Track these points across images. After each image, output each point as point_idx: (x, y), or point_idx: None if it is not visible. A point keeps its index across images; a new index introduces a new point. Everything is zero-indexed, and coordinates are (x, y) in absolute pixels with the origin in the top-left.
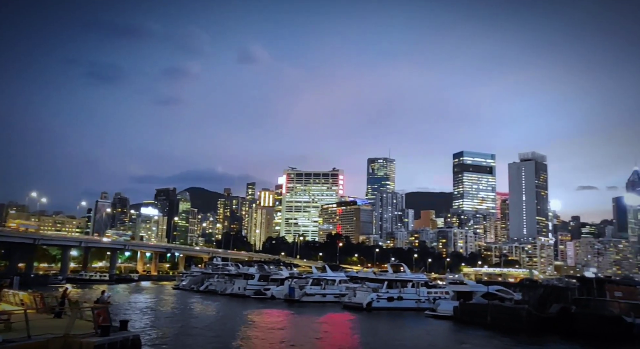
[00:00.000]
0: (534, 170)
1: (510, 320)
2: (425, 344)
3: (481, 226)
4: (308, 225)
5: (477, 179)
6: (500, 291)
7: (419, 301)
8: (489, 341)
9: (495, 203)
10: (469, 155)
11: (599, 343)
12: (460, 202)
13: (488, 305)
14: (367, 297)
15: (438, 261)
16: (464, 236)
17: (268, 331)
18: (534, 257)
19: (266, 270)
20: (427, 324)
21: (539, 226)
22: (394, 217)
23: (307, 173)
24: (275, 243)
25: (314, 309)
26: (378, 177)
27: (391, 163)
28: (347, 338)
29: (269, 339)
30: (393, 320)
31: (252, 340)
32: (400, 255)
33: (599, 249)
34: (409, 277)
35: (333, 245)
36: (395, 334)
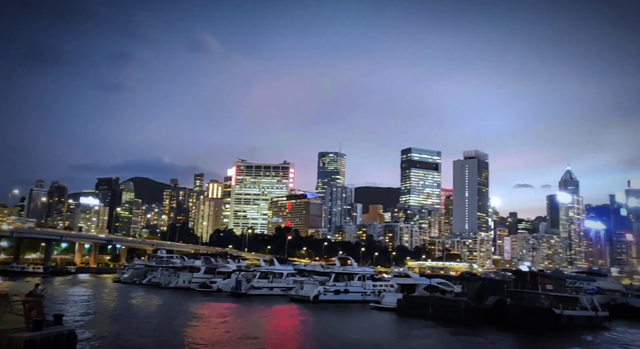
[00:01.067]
0: (477, 167)
1: (450, 312)
2: (368, 335)
3: (426, 221)
4: (257, 217)
5: (423, 175)
6: (442, 284)
7: (364, 294)
8: (429, 332)
9: (440, 199)
10: (416, 151)
11: (530, 333)
12: (407, 197)
13: (430, 297)
14: (314, 290)
15: (384, 254)
16: (409, 231)
17: (212, 324)
18: (474, 251)
19: (213, 263)
20: (372, 316)
21: (480, 221)
22: (343, 211)
23: (258, 166)
24: (223, 235)
25: (261, 302)
26: (328, 171)
27: (342, 158)
28: (293, 331)
29: (213, 332)
30: (339, 313)
31: (196, 333)
32: (348, 248)
33: (533, 244)
34: (355, 270)
35: (282, 238)
36: (340, 327)
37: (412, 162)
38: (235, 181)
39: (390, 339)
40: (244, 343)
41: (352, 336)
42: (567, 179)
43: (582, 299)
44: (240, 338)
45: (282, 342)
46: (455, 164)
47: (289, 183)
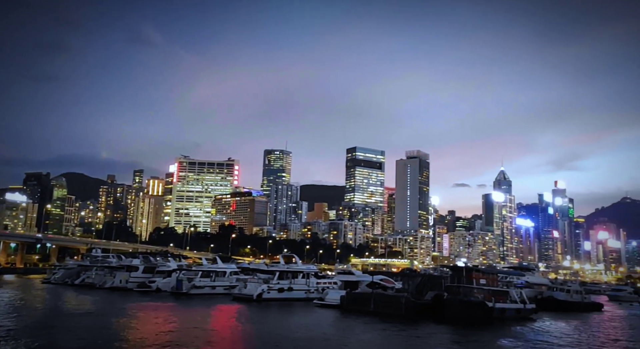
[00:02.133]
0: (418, 167)
1: (391, 307)
2: (311, 332)
3: (370, 219)
4: (200, 215)
5: (367, 174)
6: (384, 281)
7: (308, 292)
8: (370, 328)
9: (383, 197)
10: (361, 150)
11: (464, 326)
12: (351, 195)
13: (372, 294)
14: (257, 288)
15: (329, 252)
16: (353, 228)
17: (151, 324)
18: (415, 248)
19: (152, 262)
20: (315, 313)
21: (421, 219)
22: (288, 209)
23: (201, 162)
24: (164, 233)
25: (203, 301)
26: (274, 169)
27: (287, 156)
28: (235, 330)
29: (150, 333)
30: (282, 311)
31: (132, 335)
32: (293, 246)
33: (470, 241)
34: (299, 268)
35: (226, 237)
36: (283, 324)
37: (357, 160)
38: (177, 178)
39: (333, 335)
40: (183, 343)
41: (295, 333)
42: (501, 179)
43: (512, 293)
44: (180, 338)
45: (223, 341)
46: (398, 163)
47: (234, 180)
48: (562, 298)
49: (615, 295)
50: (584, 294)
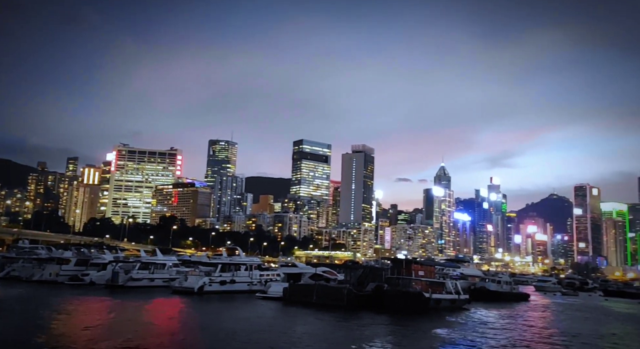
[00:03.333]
0: (364, 161)
1: (333, 299)
2: (252, 324)
3: (315, 212)
4: (139, 206)
5: (314, 167)
6: (326, 273)
7: (251, 284)
8: (312, 319)
9: (329, 190)
10: (308, 143)
11: (402, 316)
12: (297, 188)
13: (314, 285)
14: (198, 281)
15: (273, 244)
16: (298, 221)
17: (81, 319)
18: (358, 241)
19: (86, 254)
20: (258, 305)
21: (364, 212)
22: (233, 201)
23: (142, 151)
24: (100, 224)
25: (140, 294)
26: (219, 160)
27: (233, 146)
28: (173, 323)
29: (76, 328)
30: (224, 303)
31: (55, 329)
32: (237, 238)
33: (410, 234)
34: (242, 260)
35: (167, 228)
36: (224, 317)
37: (303, 153)
38: (116, 167)
39: (274, 327)
40: (116, 338)
41: (236, 325)
42: (441, 174)
43: (448, 284)
44: (113, 332)
45: (159, 335)
46: (344, 157)
47: (176, 170)
48: (493, 288)
49: (540, 286)
50: (513, 285)
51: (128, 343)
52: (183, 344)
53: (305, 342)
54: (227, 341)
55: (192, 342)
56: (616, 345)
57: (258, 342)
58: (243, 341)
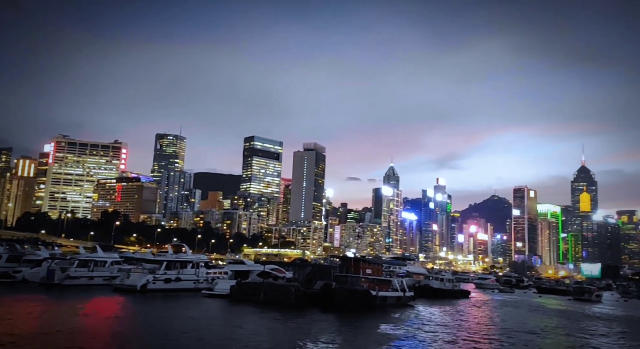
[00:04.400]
0: (315, 159)
1: (281, 296)
2: (197, 323)
3: (265, 209)
4: (80, 200)
5: (265, 164)
6: (275, 270)
7: (197, 282)
8: (258, 317)
9: (280, 188)
10: (259, 140)
11: (349, 313)
12: (247, 185)
13: (262, 283)
14: (142, 279)
15: (222, 242)
16: (248, 218)
17: (9, 319)
18: (308, 239)
19: (18, 250)
20: (204, 304)
21: (315, 211)
22: (180, 197)
23: (83, 143)
24: (35, 219)
25: (79, 293)
26: (166, 154)
27: (182, 141)
28: (113, 323)
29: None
30: (168, 302)
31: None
32: (184, 235)
33: (359, 232)
34: (189, 258)
35: (108, 224)
36: (168, 316)
37: (254, 150)
38: (54, 159)
39: (220, 325)
40: (49, 339)
41: (180, 324)
42: (390, 174)
43: (394, 281)
44: (46, 333)
45: (96, 336)
46: (296, 155)
47: (120, 164)
48: (436, 286)
49: (480, 283)
50: (455, 282)
51: (61, 347)
52: (123, 346)
53: (251, 340)
54: (171, 341)
55: (132, 343)
56: (543, 339)
57: (203, 341)
58: (188, 340)
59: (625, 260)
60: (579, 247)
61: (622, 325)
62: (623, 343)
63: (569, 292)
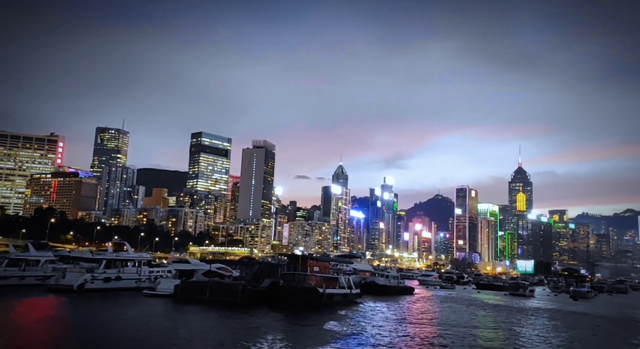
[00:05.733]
0: (264, 157)
1: (228, 295)
2: (137, 324)
3: (212, 207)
4: (10, 196)
5: (212, 161)
6: (221, 269)
7: (139, 281)
8: (204, 316)
9: (228, 185)
10: (207, 136)
11: (296, 311)
12: (194, 182)
13: (208, 282)
14: (79, 278)
15: (166, 240)
16: (194, 216)
17: None
18: (256, 237)
19: None
20: (146, 303)
21: (263, 209)
22: (122, 193)
23: (15, 136)
24: None
25: (8, 294)
26: (108, 149)
27: (124, 135)
28: (45, 325)
29: None
30: (108, 302)
31: None
32: (126, 233)
33: (308, 230)
34: (130, 256)
35: (43, 221)
36: (107, 316)
37: (202, 146)
38: None
39: (162, 325)
40: None
41: (119, 325)
42: (339, 173)
43: (341, 279)
44: None
45: (26, 338)
46: (245, 152)
47: (57, 158)
48: (381, 282)
49: (423, 280)
50: (399, 279)
51: None
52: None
53: (196, 339)
54: (109, 343)
55: (66, 346)
56: (480, 331)
57: (145, 341)
58: (128, 341)
59: (556, 257)
60: (515, 245)
61: (550, 318)
62: (551, 334)
63: (505, 287)
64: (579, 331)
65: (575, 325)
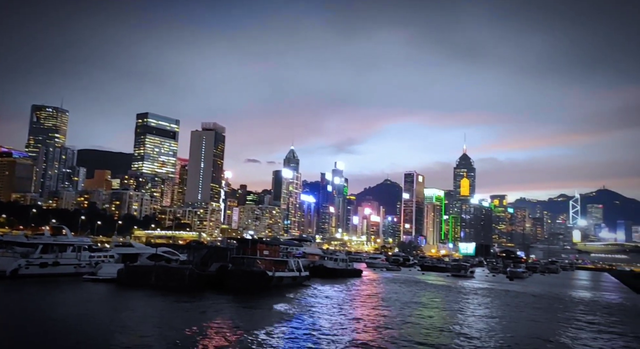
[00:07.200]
0: (214, 139)
1: (174, 280)
2: (77, 310)
3: (159, 190)
4: None
5: (159, 142)
6: (167, 253)
7: (79, 266)
8: (148, 301)
9: (175, 168)
10: (153, 117)
11: (245, 294)
12: (140, 164)
13: (153, 266)
14: (12, 263)
15: (109, 224)
16: (140, 199)
17: None
18: (205, 221)
19: None
20: (86, 289)
21: (213, 192)
22: (61, 175)
23: None
24: None
25: None
26: (45, 128)
27: (63, 114)
28: None
29: None
30: (45, 288)
31: None
32: (65, 216)
33: (258, 214)
34: (69, 241)
35: None
36: (43, 303)
37: (148, 127)
38: None
39: (104, 312)
40: None
41: (57, 312)
42: (291, 157)
43: (290, 262)
44: None
45: None
46: (193, 134)
47: None
48: (330, 266)
49: (371, 262)
50: (348, 262)
51: None
52: None
53: (140, 324)
54: (47, 329)
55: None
56: (422, 309)
57: (86, 327)
58: (68, 328)
59: (496, 240)
60: (458, 228)
61: (487, 297)
62: (486, 312)
63: (447, 269)
64: (511, 308)
65: (509, 303)
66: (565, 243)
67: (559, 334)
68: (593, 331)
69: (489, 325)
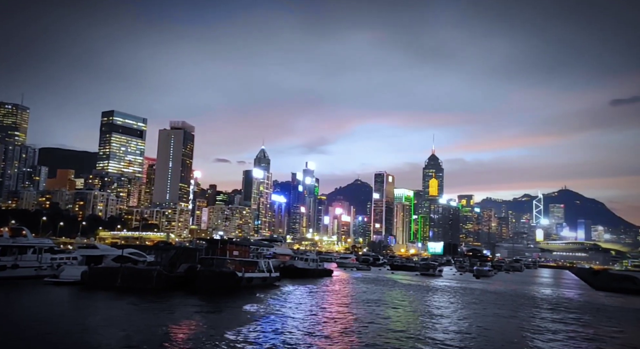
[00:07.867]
0: (183, 139)
1: (141, 281)
2: (38, 313)
3: (125, 190)
4: None
5: (126, 141)
6: (134, 254)
7: (39, 269)
8: (114, 303)
9: (143, 167)
10: (119, 115)
11: (214, 295)
12: (105, 163)
13: (119, 268)
14: None
15: (73, 225)
16: (105, 199)
17: None
18: (173, 221)
19: None
20: (48, 292)
21: (181, 192)
22: (20, 174)
23: None
24: None
25: None
26: (4, 126)
27: (24, 111)
28: None
29: None
30: (2, 292)
31: None
32: (25, 217)
33: (228, 215)
34: (29, 242)
35: None
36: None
37: (114, 126)
38: None
39: (67, 314)
40: None
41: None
42: (261, 157)
43: (261, 263)
44: None
45: None
46: (162, 133)
47: None
48: (301, 266)
49: (342, 262)
50: (318, 262)
51: None
52: None
53: (105, 327)
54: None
55: None
56: (395, 309)
57: (49, 330)
58: (29, 331)
59: (463, 239)
60: (427, 227)
61: (453, 295)
62: (451, 308)
63: (416, 268)
64: (476, 305)
65: (474, 300)
66: (529, 242)
67: (522, 329)
68: (555, 325)
69: (454, 322)
